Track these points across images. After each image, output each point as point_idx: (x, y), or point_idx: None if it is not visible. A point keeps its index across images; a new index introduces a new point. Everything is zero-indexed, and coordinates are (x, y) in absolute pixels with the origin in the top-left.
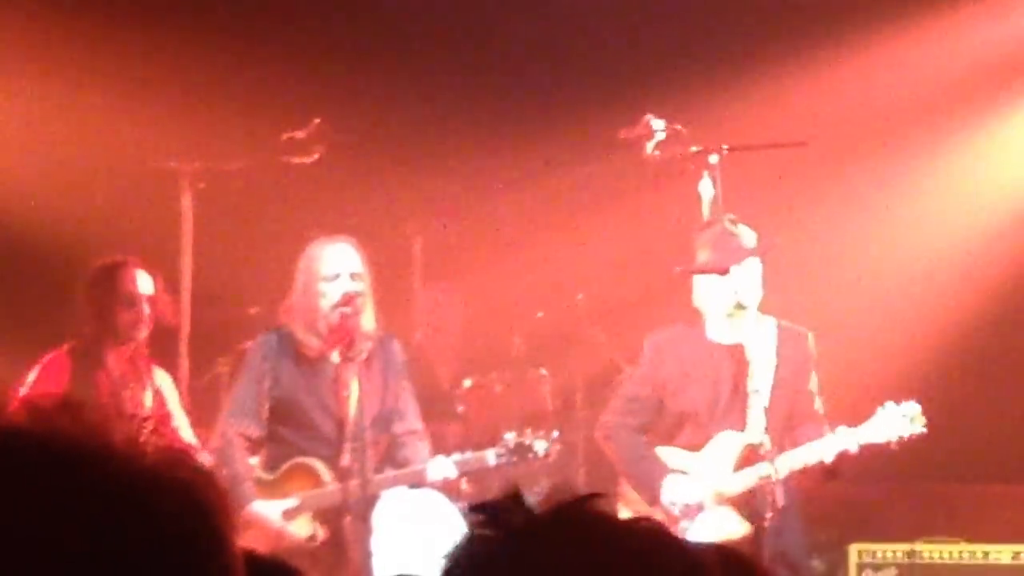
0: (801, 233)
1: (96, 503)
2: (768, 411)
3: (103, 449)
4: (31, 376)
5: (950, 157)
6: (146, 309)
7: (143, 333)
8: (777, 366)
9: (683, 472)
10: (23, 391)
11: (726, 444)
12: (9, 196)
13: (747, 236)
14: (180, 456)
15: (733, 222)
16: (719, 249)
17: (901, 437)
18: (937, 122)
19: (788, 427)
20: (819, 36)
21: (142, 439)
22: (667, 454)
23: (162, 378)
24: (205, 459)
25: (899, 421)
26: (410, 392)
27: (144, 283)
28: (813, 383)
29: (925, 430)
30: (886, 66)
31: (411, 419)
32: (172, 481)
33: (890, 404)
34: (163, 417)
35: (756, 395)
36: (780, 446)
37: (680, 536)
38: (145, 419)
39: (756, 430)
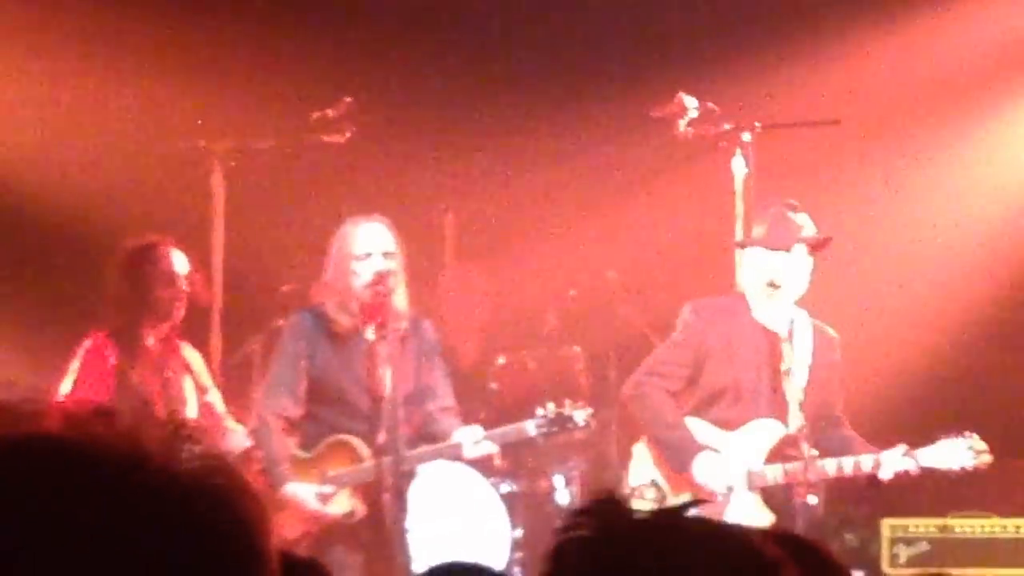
0: (834, 211)
1: (129, 512)
2: (802, 405)
3: (138, 457)
4: (75, 364)
5: (985, 135)
6: (184, 287)
7: (181, 312)
8: (812, 362)
9: (714, 449)
10: (70, 380)
11: (763, 431)
12: (41, 178)
13: (804, 225)
14: (217, 463)
15: (794, 208)
16: (774, 228)
17: (964, 468)
18: (973, 100)
19: (816, 427)
20: (853, 13)
21: (180, 445)
22: (697, 427)
23: (192, 356)
24: (242, 438)
25: (965, 453)
26: (443, 371)
27: (180, 262)
28: (840, 387)
29: (988, 462)
30: (921, 44)
31: (444, 397)
32: (208, 489)
33: (956, 436)
34: (206, 405)
35: (795, 386)
36: (811, 442)
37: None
38: (184, 423)
39: (795, 422)
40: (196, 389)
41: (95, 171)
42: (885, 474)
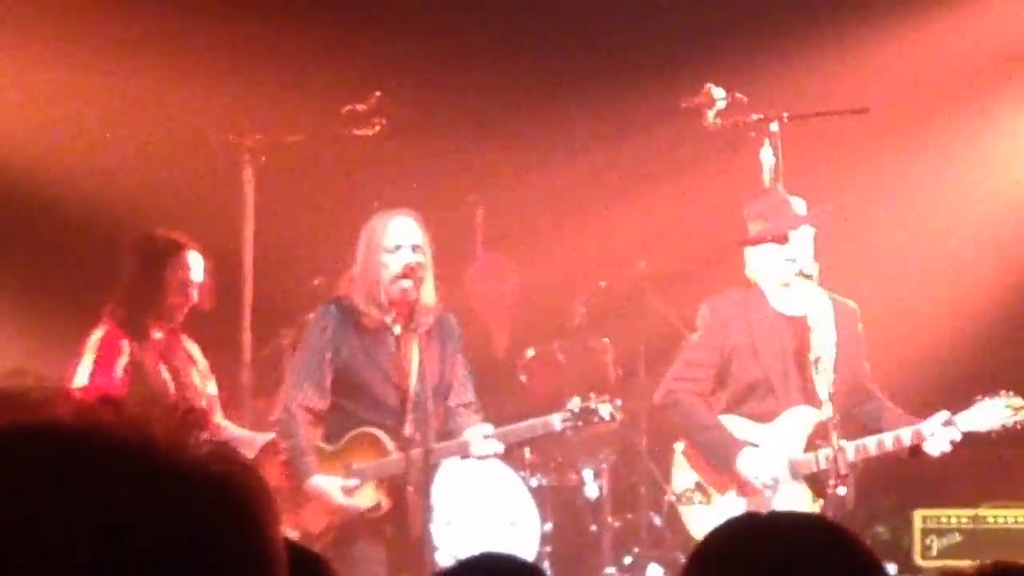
0: (863, 200)
1: (136, 499)
2: (834, 385)
3: (145, 444)
4: (90, 354)
5: (1014, 123)
6: (193, 297)
7: (182, 316)
8: (838, 340)
9: (753, 444)
10: (86, 370)
11: (799, 419)
12: (71, 172)
13: (797, 204)
14: (224, 450)
15: (784, 192)
16: (776, 217)
17: (1004, 427)
18: (1000, 88)
19: (851, 402)
20: (880, 2)
21: (187, 433)
22: (733, 423)
23: (192, 347)
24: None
25: (1004, 411)
26: (465, 366)
27: (197, 270)
28: (864, 358)
29: None
30: (949, 32)
31: (465, 392)
32: (214, 476)
33: (993, 395)
34: (211, 398)
35: (822, 368)
36: (844, 421)
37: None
38: (191, 410)
39: (827, 405)
40: (200, 378)
41: (127, 165)
42: (930, 447)
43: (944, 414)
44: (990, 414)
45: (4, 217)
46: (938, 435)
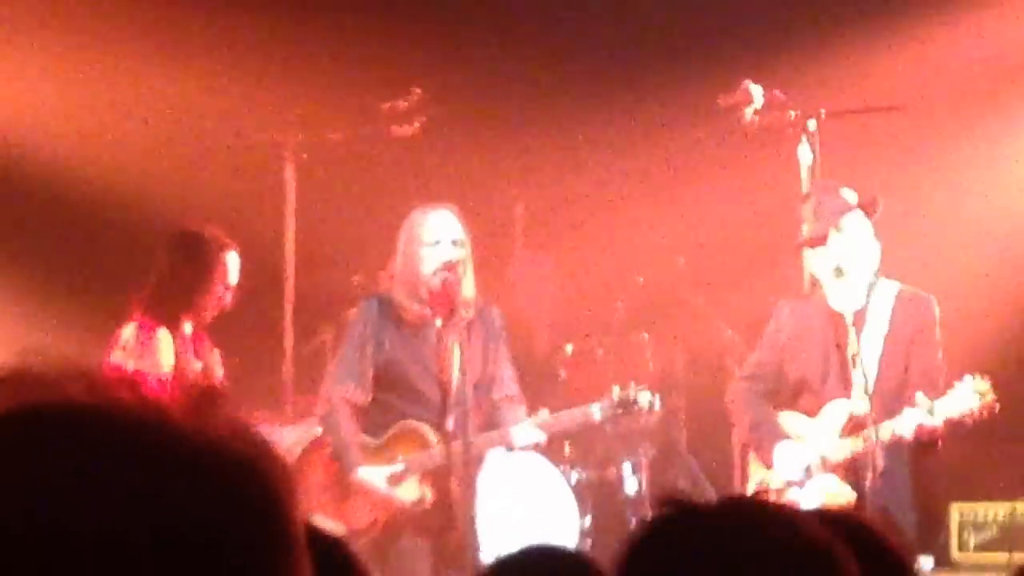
0: (900, 198)
1: (153, 474)
2: (878, 378)
3: (162, 422)
4: (130, 349)
5: None
6: (227, 299)
7: (210, 318)
8: (889, 332)
9: (798, 437)
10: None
11: (834, 412)
12: (114, 170)
13: (845, 198)
14: (244, 429)
15: (830, 188)
16: (812, 220)
17: (973, 412)
18: None
19: (901, 394)
20: None
21: (206, 411)
22: (787, 419)
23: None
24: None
25: (971, 397)
26: (508, 359)
27: (235, 272)
28: (933, 349)
29: (994, 405)
30: (987, 27)
31: (509, 385)
32: (233, 454)
33: (967, 378)
34: None
35: (863, 362)
36: (891, 413)
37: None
38: (210, 388)
39: (861, 398)
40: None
41: (170, 164)
42: (906, 432)
43: (926, 402)
44: (959, 400)
45: (46, 217)
46: (906, 419)
